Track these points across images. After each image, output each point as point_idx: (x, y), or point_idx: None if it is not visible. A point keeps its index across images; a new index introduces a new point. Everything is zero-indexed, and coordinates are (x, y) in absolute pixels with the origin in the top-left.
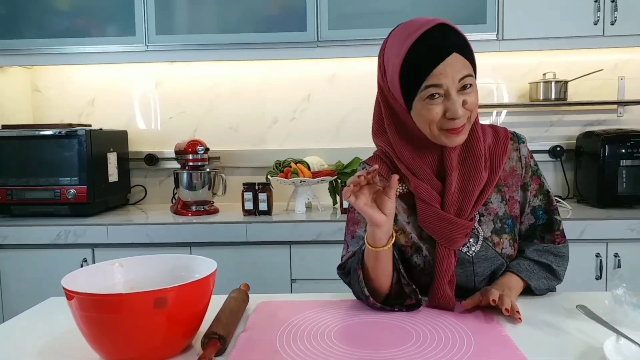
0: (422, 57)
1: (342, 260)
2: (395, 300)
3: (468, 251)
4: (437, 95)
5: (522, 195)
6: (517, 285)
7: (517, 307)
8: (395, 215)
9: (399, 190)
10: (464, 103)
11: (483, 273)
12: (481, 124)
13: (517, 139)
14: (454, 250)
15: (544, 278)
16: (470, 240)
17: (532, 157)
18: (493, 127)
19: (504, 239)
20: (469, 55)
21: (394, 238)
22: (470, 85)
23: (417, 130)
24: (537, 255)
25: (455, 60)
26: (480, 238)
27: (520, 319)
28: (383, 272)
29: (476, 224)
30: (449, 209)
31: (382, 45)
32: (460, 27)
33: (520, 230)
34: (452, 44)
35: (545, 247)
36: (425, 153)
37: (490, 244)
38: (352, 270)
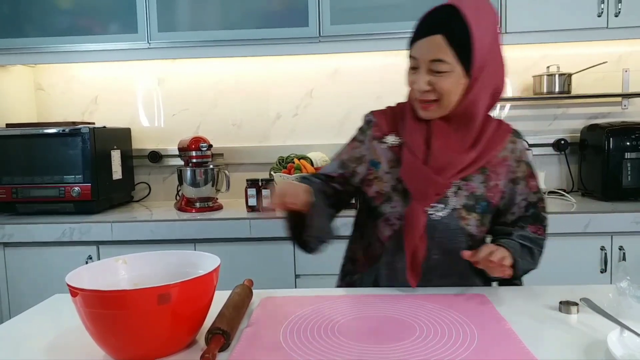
0: (416, 27)
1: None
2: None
3: (434, 214)
4: (413, 66)
5: (510, 187)
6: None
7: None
8: (378, 162)
9: (391, 141)
10: (430, 84)
11: (439, 246)
12: (488, 116)
13: (518, 135)
14: (424, 210)
15: (526, 259)
16: (439, 204)
17: (527, 156)
18: (499, 120)
19: (472, 216)
20: (458, 43)
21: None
22: (444, 71)
23: None
24: (522, 239)
25: (434, 42)
26: (450, 206)
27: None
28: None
29: (450, 193)
30: (430, 166)
31: None
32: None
33: (507, 220)
34: (443, 26)
35: (528, 235)
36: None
37: (457, 217)
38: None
